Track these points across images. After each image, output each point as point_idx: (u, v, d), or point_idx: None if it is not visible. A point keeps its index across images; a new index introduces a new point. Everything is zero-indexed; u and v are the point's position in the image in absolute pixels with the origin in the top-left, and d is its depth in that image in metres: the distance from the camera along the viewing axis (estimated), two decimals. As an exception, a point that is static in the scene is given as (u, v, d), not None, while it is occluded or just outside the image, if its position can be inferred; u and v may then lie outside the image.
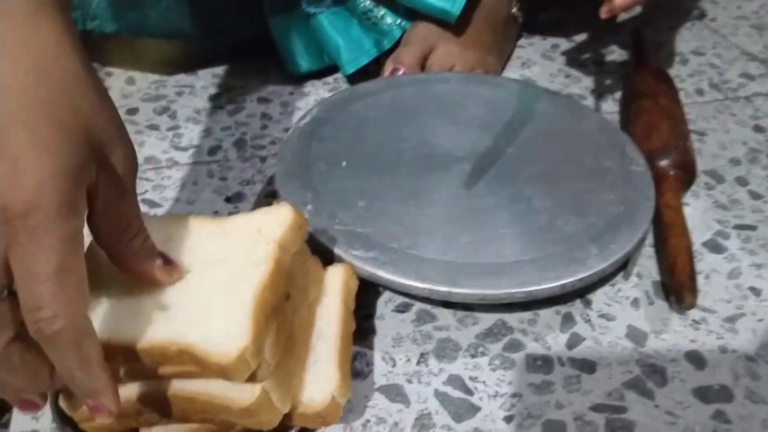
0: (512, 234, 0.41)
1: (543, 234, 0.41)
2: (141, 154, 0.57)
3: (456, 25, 0.62)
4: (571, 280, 0.38)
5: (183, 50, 0.71)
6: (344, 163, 0.47)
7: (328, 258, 0.40)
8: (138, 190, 0.52)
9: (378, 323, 0.41)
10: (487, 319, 0.42)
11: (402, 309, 0.42)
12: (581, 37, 0.75)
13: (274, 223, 0.33)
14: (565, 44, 0.74)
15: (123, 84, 0.66)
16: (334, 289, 0.36)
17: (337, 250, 0.39)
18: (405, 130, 0.50)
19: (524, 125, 0.51)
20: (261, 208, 0.36)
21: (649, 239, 0.49)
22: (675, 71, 0.70)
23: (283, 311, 0.31)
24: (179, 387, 0.29)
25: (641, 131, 0.53)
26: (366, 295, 0.41)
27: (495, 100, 0.54)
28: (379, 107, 0.53)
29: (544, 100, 0.54)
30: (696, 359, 0.41)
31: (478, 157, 0.48)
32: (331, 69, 0.67)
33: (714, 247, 0.49)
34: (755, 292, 0.46)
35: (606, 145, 0.49)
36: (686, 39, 0.77)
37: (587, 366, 0.39)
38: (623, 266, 0.45)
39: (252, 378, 0.28)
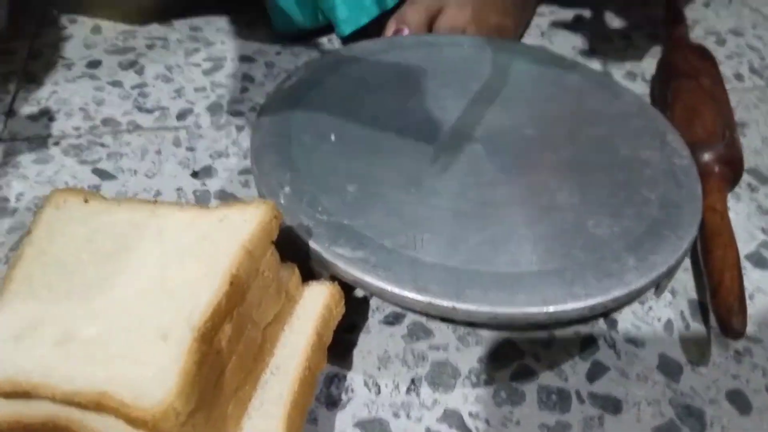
0: (532, 236, 0.34)
1: (569, 237, 0.34)
2: (99, 115, 0.49)
3: (471, -17, 0.53)
4: (603, 300, 0.31)
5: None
6: (333, 137, 0.39)
7: (303, 258, 0.33)
8: (91, 157, 0.45)
9: (362, 337, 0.34)
10: (493, 338, 0.35)
11: (392, 320, 0.35)
12: (608, 9, 0.67)
13: (240, 224, 0.26)
14: (589, 15, 0.66)
15: (87, 33, 0.58)
16: (310, 311, 0.29)
17: (314, 246, 0.32)
18: (408, 101, 0.43)
19: (549, 102, 0.43)
20: (225, 204, 0.29)
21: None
22: (712, 52, 0.62)
23: (219, 343, 0.23)
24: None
25: (681, 117, 0.46)
26: (349, 301, 0.33)
27: (516, 71, 0.46)
28: (379, 72, 0.45)
29: (574, 73, 0.46)
30: (739, 401, 0.34)
31: (494, 137, 0.40)
32: (326, 29, 0.59)
33: (759, 261, 0.42)
34: (809, 316, 0.39)
35: (644, 131, 0.41)
36: (723, 17, 0.69)
37: (611, 404, 0.33)
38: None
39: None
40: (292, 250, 0.32)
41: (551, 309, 0.30)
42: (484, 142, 0.40)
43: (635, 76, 0.58)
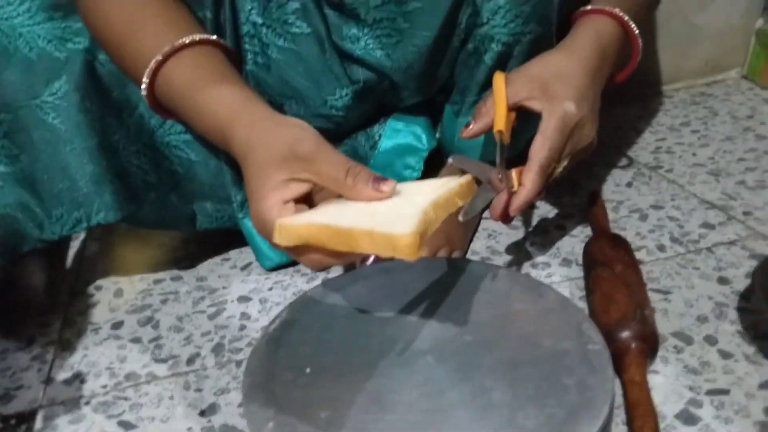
0: (473, 435, 0.41)
1: (504, 432, 0.41)
2: (122, 372, 0.59)
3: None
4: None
5: (170, 250, 0.75)
6: (308, 370, 0.48)
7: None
8: (115, 411, 0.54)
9: None
10: None
11: None
12: (543, 204, 0.79)
13: None
14: (528, 213, 0.78)
15: (111, 297, 0.70)
16: None
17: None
18: (370, 327, 0.52)
19: (485, 309, 0.53)
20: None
21: (621, 416, 0.48)
22: (635, 228, 0.73)
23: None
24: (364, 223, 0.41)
25: (600, 303, 0.55)
26: None
27: (457, 286, 0.56)
28: (346, 304, 0.55)
29: (503, 280, 0.56)
30: None
31: (441, 347, 0.49)
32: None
33: (687, 418, 0.48)
34: (735, 467, 0.45)
35: (564, 323, 0.50)
36: (644, 193, 0.80)
37: None
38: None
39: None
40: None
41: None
42: (433, 352, 0.49)
43: (570, 262, 0.68)
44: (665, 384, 0.51)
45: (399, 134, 0.67)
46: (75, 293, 0.71)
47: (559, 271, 0.67)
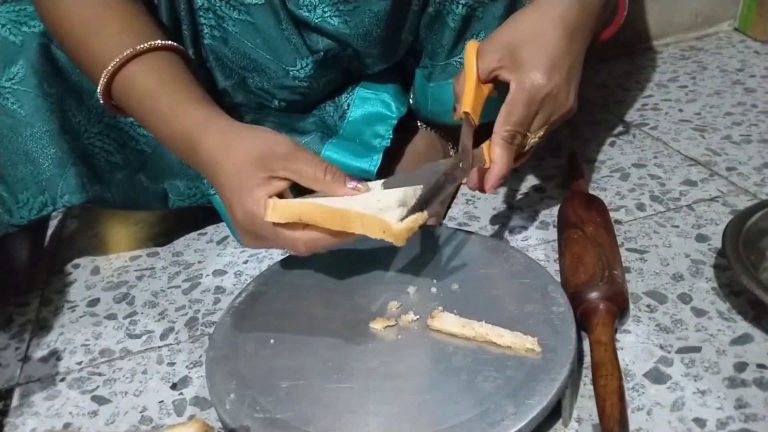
0: (432, 400, 0.41)
1: (462, 396, 0.41)
2: (97, 348, 0.59)
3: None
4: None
5: (147, 227, 0.75)
6: (272, 341, 0.48)
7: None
8: (89, 387, 0.54)
9: None
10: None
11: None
12: (524, 166, 0.77)
13: None
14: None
15: (88, 275, 0.70)
16: None
17: (252, 442, 0.40)
18: (335, 296, 0.52)
19: (450, 275, 0.52)
20: (167, 427, 0.37)
21: (591, 376, 0.48)
22: (615, 188, 0.71)
23: None
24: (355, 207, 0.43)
25: (569, 264, 0.54)
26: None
27: (424, 253, 0.55)
28: (313, 274, 0.55)
29: (471, 245, 0.56)
30: None
31: (405, 315, 0.49)
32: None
33: (656, 377, 0.48)
34: (700, 423, 0.44)
35: (529, 287, 0.50)
36: (627, 152, 0.79)
37: None
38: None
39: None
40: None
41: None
42: (396, 319, 0.48)
43: (548, 224, 0.67)
44: (636, 343, 0.51)
45: (368, 103, 0.66)
46: (53, 272, 0.71)
47: (536, 234, 0.66)
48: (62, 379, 0.56)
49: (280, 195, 0.47)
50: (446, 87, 0.64)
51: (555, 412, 0.43)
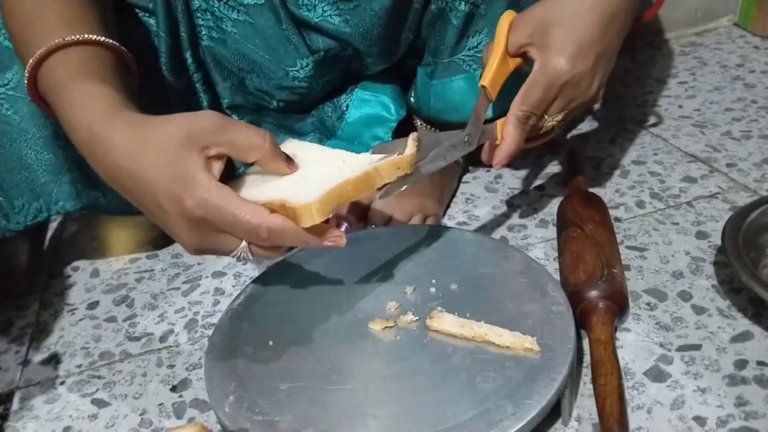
0: (431, 400, 0.41)
1: (461, 397, 0.41)
2: (97, 350, 0.59)
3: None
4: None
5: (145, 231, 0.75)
6: (271, 343, 0.48)
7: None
8: (89, 390, 0.54)
9: None
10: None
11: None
12: (523, 164, 0.77)
13: None
14: (508, 174, 0.77)
15: (87, 277, 0.69)
16: None
17: (251, 445, 0.40)
18: (334, 297, 0.52)
19: (449, 275, 0.52)
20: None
21: (590, 375, 0.48)
22: (615, 186, 0.71)
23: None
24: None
25: (569, 263, 0.54)
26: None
27: (422, 253, 0.55)
28: (311, 276, 0.55)
29: (470, 245, 0.55)
30: None
31: (403, 316, 0.48)
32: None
33: (657, 375, 0.48)
34: (700, 421, 0.44)
35: (529, 286, 0.49)
36: (627, 149, 0.79)
37: None
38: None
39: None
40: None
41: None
42: (395, 320, 0.48)
43: (547, 223, 0.67)
44: (635, 341, 0.51)
45: (367, 104, 0.66)
46: (53, 275, 0.71)
47: (536, 232, 0.65)
48: (62, 383, 0.56)
49: (222, 179, 0.41)
50: (449, 84, 0.64)
51: (555, 411, 0.43)
